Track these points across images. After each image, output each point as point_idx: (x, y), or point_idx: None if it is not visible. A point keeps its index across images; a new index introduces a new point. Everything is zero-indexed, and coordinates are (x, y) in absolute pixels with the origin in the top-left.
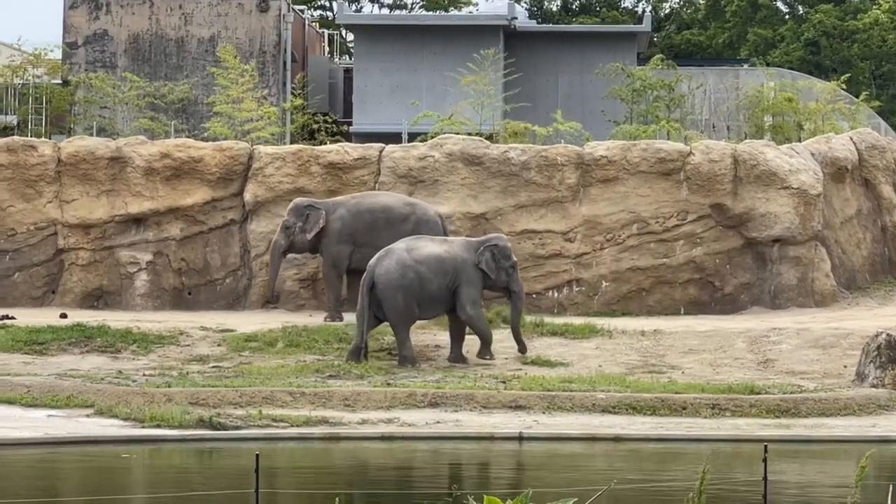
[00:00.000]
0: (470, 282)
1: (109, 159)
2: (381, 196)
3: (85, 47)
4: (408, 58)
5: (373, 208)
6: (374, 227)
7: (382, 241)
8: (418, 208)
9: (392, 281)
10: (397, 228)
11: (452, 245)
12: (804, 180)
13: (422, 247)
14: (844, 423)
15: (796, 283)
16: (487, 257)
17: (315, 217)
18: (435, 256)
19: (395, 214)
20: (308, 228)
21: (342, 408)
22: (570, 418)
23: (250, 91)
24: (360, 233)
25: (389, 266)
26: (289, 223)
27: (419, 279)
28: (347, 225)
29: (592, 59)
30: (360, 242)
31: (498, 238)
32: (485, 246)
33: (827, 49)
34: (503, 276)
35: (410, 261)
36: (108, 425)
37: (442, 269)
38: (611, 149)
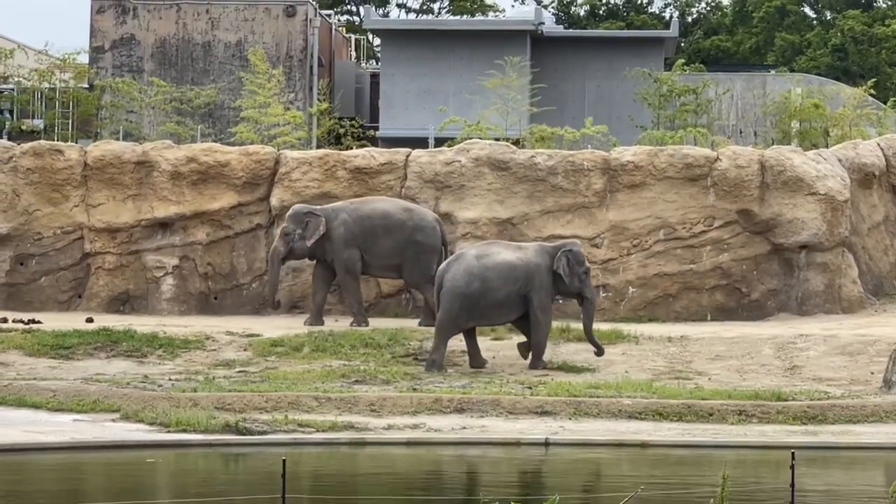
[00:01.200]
0: (542, 287)
1: (136, 163)
2: (380, 202)
3: (112, 52)
4: (435, 63)
5: (372, 214)
6: (373, 233)
7: (381, 248)
8: (416, 214)
9: (455, 288)
10: (395, 235)
11: (526, 251)
12: (831, 186)
13: (494, 253)
14: (871, 429)
15: (823, 289)
16: (564, 263)
17: (315, 224)
18: (507, 264)
19: (394, 220)
20: (308, 235)
21: (368, 413)
22: (597, 424)
23: (277, 96)
24: (360, 238)
25: (457, 272)
26: (288, 230)
27: (483, 288)
28: (351, 230)
29: (619, 65)
30: (361, 248)
31: (572, 244)
32: (561, 252)
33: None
34: (576, 281)
35: (478, 268)
36: (134, 430)
37: (513, 276)
38: (637, 154)
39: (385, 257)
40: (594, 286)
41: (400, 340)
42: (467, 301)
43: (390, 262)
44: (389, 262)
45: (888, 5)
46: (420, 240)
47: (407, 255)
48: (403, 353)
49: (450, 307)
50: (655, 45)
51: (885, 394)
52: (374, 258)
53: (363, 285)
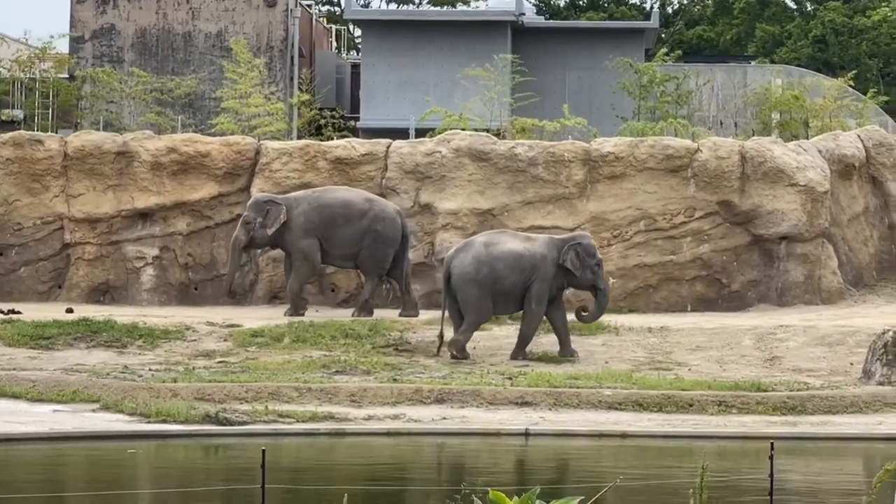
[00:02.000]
0: (544, 279)
1: (116, 154)
2: (341, 191)
3: (92, 42)
4: (415, 53)
5: (332, 203)
6: (334, 223)
7: (340, 237)
8: (377, 205)
9: (466, 275)
10: (355, 224)
11: (534, 242)
12: (811, 177)
13: (502, 242)
14: (851, 420)
15: (803, 280)
16: (572, 256)
17: (275, 212)
18: (514, 253)
19: (354, 210)
20: (268, 224)
21: (348, 403)
22: (577, 415)
23: (258, 86)
24: (320, 227)
25: (465, 259)
26: (249, 218)
27: (493, 275)
28: (311, 219)
29: (600, 56)
30: (320, 237)
31: (582, 236)
32: (569, 245)
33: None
34: (588, 273)
35: (486, 256)
36: (114, 420)
37: (519, 265)
38: (618, 145)
39: (344, 246)
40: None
41: (380, 331)
42: (482, 287)
43: (349, 252)
44: (348, 252)
45: None
46: (379, 229)
47: (364, 244)
48: (384, 343)
49: (469, 295)
50: (636, 36)
51: (865, 384)
52: (334, 247)
53: (344, 276)
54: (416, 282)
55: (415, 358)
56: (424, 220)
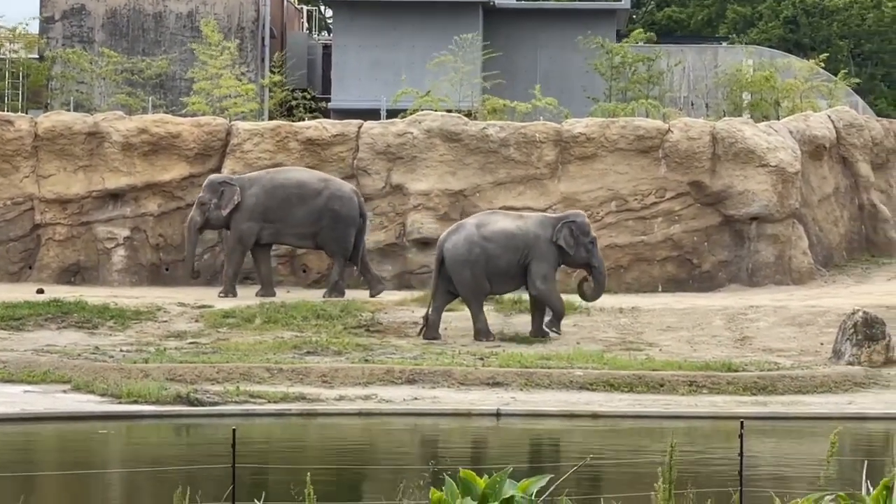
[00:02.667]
0: (542, 257)
1: (87, 134)
2: (295, 172)
3: (62, 22)
4: (387, 34)
5: (286, 184)
6: (288, 203)
7: (295, 217)
8: (332, 184)
9: (458, 256)
10: (310, 204)
11: (526, 221)
12: (782, 158)
13: (493, 222)
14: (821, 400)
15: (774, 260)
16: (566, 234)
17: (230, 193)
18: (505, 232)
19: (309, 190)
20: (223, 205)
21: (320, 384)
22: (548, 395)
23: (229, 67)
24: (272, 208)
25: (457, 241)
26: (204, 199)
27: (486, 255)
28: (261, 202)
29: (572, 36)
30: (273, 218)
31: (576, 215)
32: (563, 223)
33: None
34: (583, 251)
35: (478, 237)
36: (85, 401)
37: (512, 244)
38: (589, 126)
39: (300, 226)
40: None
41: (352, 312)
42: (475, 266)
43: (306, 231)
44: (305, 231)
45: None
46: (337, 209)
47: (323, 224)
48: (355, 324)
49: (463, 277)
50: (608, 16)
51: (835, 364)
52: (289, 227)
53: (316, 257)
54: (387, 262)
55: (386, 338)
56: (396, 201)
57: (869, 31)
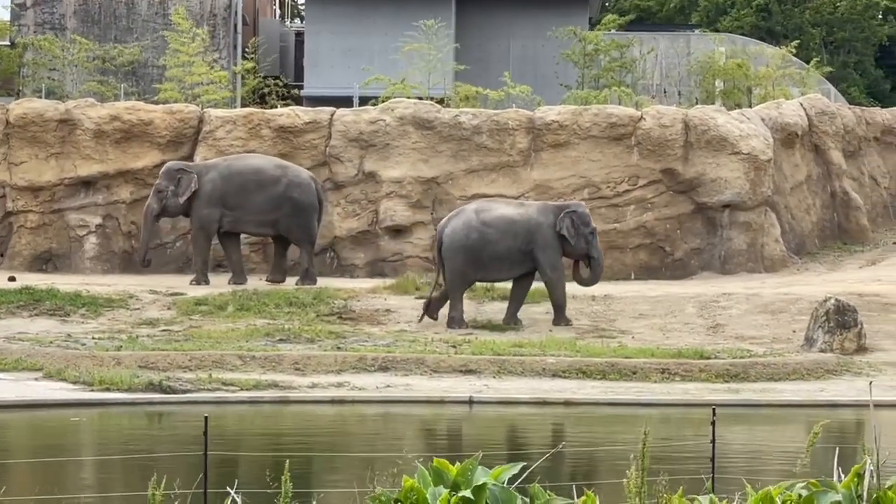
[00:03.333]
0: (547, 245)
1: (58, 122)
2: (253, 158)
3: (34, 9)
4: (359, 21)
5: (244, 171)
6: (245, 190)
7: (253, 204)
8: (290, 171)
9: (455, 241)
10: (269, 191)
11: (528, 208)
12: (754, 146)
13: (493, 208)
14: (793, 387)
15: (746, 248)
16: (567, 223)
17: (187, 180)
18: (505, 218)
19: (266, 177)
20: (180, 192)
21: (292, 372)
22: (521, 382)
23: (201, 54)
24: (230, 195)
25: (456, 226)
26: (161, 187)
27: (483, 241)
28: (218, 188)
29: (545, 24)
30: (232, 205)
31: (577, 205)
32: (565, 212)
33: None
34: (582, 242)
35: (477, 222)
36: (57, 388)
37: (511, 230)
38: (562, 113)
39: (259, 213)
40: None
41: (324, 299)
42: (470, 253)
43: (265, 219)
44: (264, 219)
45: None
46: (296, 196)
47: (283, 212)
48: (328, 311)
49: (454, 262)
50: (580, 4)
51: (807, 352)
52: (247, 214)
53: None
54: (359, 250)
55: (359, 326)
56: (368, 189)
57: (841, 19)
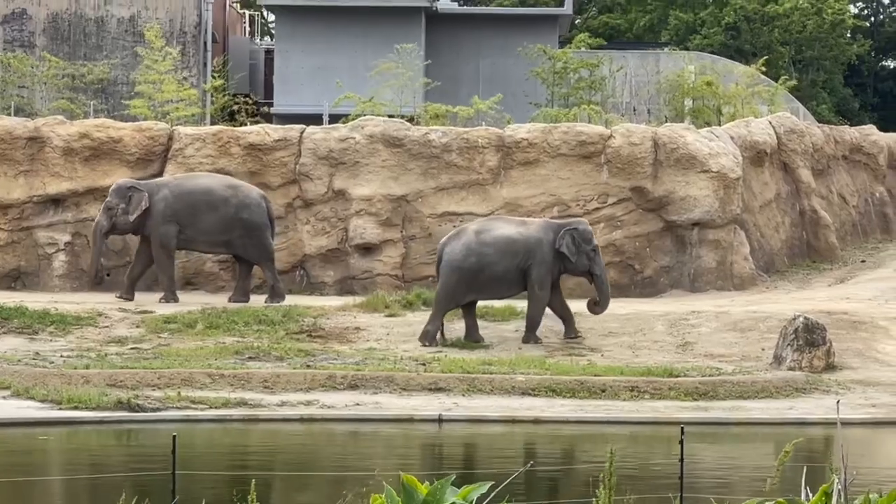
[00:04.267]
0: (542, 262)
1: (27, 139)
2: (204, 178)
3: (3, 26)
4: (329, 39)
5: (194, 190)
6: (196, 209)
7: (204, 223)
8: (241, 190)
9: (452, 262)
10: (219, 211)
11: (529, 226)
12: (723, 164)
13: (494, 228)
14: (762, 405)
15: (715, 266)
16: (568, 241)
17: (137, 199)
18: (505, 238)
19: (217, 196)
20: (130, 210)
21: (261, 390)
22: (490, 401)
23: (171, 71)
24: (182, 214)
25: (455, 247)
26: (111, 204)
27: (481, 263)
28: (171, 206)
29: (514, 42)
30: (183, 224)
31: (578, 222)
32: (565, 230)
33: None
34: (584, 259)
35: (476, 244)
36: (25, 407)
37: (511, 250)
38: (532, 131)
39: (210, 233)
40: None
41: (294, 317)
42: (465, 274)
43: (217, 239)
44: (216, 239)
45: None
46: (246, 217)
47: (235, 233)
48: (297, 329)
49: (447, 281)
50: (550, 22)
51: (776, 370)
52: (199, 233)
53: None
54: (329, 268)
55: (328, 344)
56: (338, 206)
57: (810, 38)
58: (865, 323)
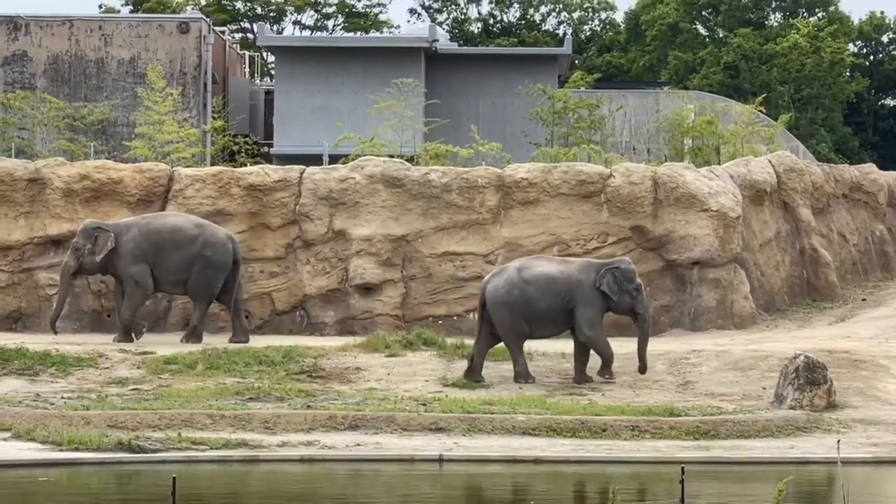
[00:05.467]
0: (587, 302)
1: (28, 181)
2: (171, 217)
3: (3, 68)
4: (329, 80)
5: (161, 229)
6: (163, 249)
7: (170, 262)
8: (207, 230)
9: (497, 298)
10: (186, 250)
11: (570, 266)
12: (723, 203)
13: (535, 266)
14: (763, 444)
15: (716, 305)
16: (609, 280)
17: (104, 239)
18: (546, 276)
19: (183, 236)
20: (97, 250)
21: (262, 430)
22: (491, 440)
23: (171, 113)
24: (149, 254)
25: (497, 283)
26: (78, 245)
27: (524, 298)
28: (139, 245)
29: (513, 82)
30: (151, 263)
31: (620, 261)
32: (606, 268)
33: (746, 72)
34: (627, 298)
35: (518, 279)
36: (26, 448)
37: (553, 288)
38: (531, 171)
39: (174, 272)
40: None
41: (294, 357)
42: (514, 307)
43: (178, 278)
44: (178, 278)
45: (779, 24)
46: (209, 255)
47: (194, 269)
48: (298, 370)
49: (502, 318)
50: (549, 62)
51: (777, 409)
52: (164, 273)
53: (258, 303)
54: (330, 308)
55: (329, 384)
56: (338, 247)
57: (809, 77)
58: (866, 362)
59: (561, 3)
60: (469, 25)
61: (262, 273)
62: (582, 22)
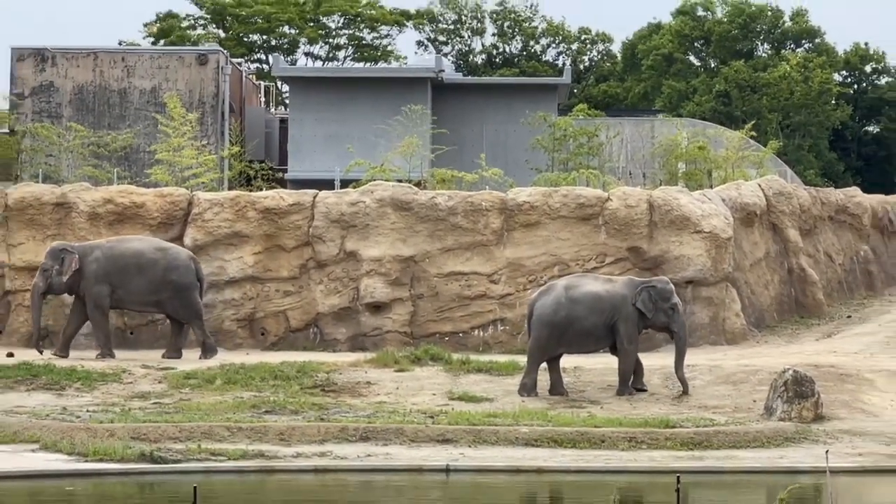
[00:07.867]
0: (628, 318)
1: (55, 205)
2: (135, 241)
3: (31, 98)
4: (340, 108)
5: (125, 253)
6: (126, 271)
7: (134, 285)
8: (170, 253)
9: (543, 316)
10: (148, 272)
11: (615, 284)
12: (715, 224)
13: (582, 285)
14: (754, 454)
15: (708, 322)
16: (644, 297)
17: (69, 260)
18: (593, 295)
19: (145, 259)
20: (63, 271)
21: (277, 442)
22: (495, 451)
23: (190, 139)
24: (113, 275)
25: (546, 302)
26: (46, 266)
27: (570, 318)
28: (103, 267)
29: (516, 110)
30: (115, 284)
31: (658, 280)
32: (642, 287)
33: (738, 100)
34: (662, 316)
35: (566, 299)
36: (53, 460)
37: (598, 307)
38: (533, 195)
39: (140, 294)
40: (493, 320)
41: (308, 372)
42: (556, 329)
43: (147, 299)
44: (146, 299)
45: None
46: (174, 279)
47: (165, 294)
48: (311, 384)
49: (539, 335)
50: (549, 91)
51: (767, 420)
52: (129, 294)
53: (274, 321)
54: (341, 325)
55: (341, 398)
56: (349, 267)
57: (797, 105)
58: (852, 375)
59: (560, 34)
60: (473, 57)
61: (278, 292)
62: (580, 52)
